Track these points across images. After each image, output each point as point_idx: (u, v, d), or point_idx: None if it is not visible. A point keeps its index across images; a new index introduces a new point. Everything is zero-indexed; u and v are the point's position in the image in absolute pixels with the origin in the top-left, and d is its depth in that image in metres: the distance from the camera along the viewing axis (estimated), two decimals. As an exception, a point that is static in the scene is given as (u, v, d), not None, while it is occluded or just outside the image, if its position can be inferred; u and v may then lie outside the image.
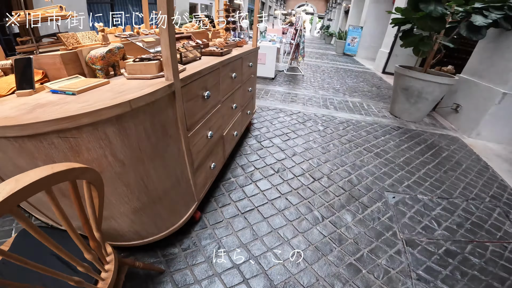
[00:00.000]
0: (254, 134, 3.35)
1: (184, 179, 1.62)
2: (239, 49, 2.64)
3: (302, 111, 4.26)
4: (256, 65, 3.14)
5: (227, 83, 2.24)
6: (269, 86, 5.50)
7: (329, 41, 19.94)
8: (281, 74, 6.76)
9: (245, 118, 3.06)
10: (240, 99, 2.70)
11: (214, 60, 1.99)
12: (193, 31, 2.63)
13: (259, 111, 4.10)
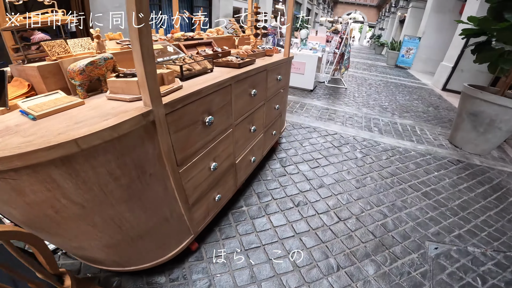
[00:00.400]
0: (279, 157, 2.90)
1: (175, 216, 1.42)
2: (267, 59, 2.21)
3: (340, 132, 3.65)
4: (288, 77, 2.68)
5: (243, 102, 1.83)
6: (306, 99, 4.96)
7: (379, 51, 18.51)
8: (321, 86, 6.14)
9: (270, 139, 2.61)
10: (262, 119, 2.26)
11: (226, 74, 1.60)
12: (216, 37, 2.27)
13: (289, 128, 3.60)
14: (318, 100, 5.00)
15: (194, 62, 1.58)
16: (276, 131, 2.71)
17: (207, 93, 1.40)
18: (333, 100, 5.09)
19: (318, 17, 23.07)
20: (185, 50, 1.87)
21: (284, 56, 2.46)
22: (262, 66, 1.94)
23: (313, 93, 5.40)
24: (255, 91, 1.88)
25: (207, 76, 1.59)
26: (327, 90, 5.83)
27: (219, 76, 1.56)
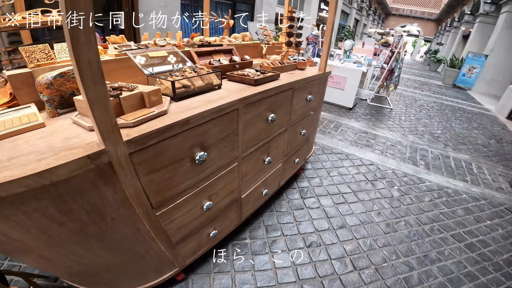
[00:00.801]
0: (300, 186, 2.47)
1: (153, 253, 1.24)
2: (296, 74, 1.80)
3: (377, 163, 3.08)
4: (321, 96, 2.23)
5: (256, 130, 1.47)
6: (342, 118, 4.40)
7: (435, 68, 16.71)
8: (363, 104, 5.49)
9: (290, 168, 2.21)
10: (282, 148, 1.87)
11: (235, 94, 1.26)
12: (238, 44, 1.93)
13: (318, 152, 3.13)
14: (356, 120, 4.40)
15: (197, 76, 1.24)
16: (299, 159, 2.28)
17: (199, 123, 1.07)
18: (374, 123, 4.44)
19: (366, 28, 21.74)
20: (196, 59, 1.56)
21: (319, 71, 2.02)
22: (286, 83, 1.55)
23: (352, 112, 4.79)
24: (273, 116, 1.50)
25: (210, 95, 1.26)
26: (369, 109, 5.16)
27: (224, 97, 1.22)
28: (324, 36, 1.92)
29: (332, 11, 1.79)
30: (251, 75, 1.44)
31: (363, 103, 5.51)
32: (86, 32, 0.63)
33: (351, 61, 4.59)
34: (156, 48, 1.45)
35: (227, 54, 1.78)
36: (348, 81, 4.45)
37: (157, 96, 1.08)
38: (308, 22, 11.69)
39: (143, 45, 1.48)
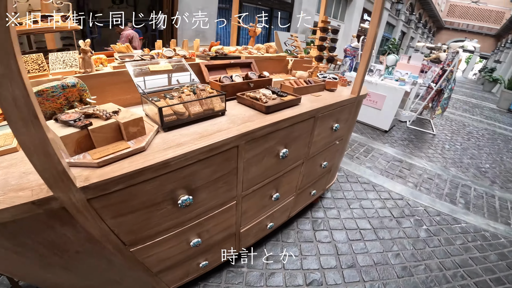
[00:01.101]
0: (314, 216, 2.20)
1: (130, 279, 1.12)
2: (323, 98, 1.51)
3: (407, 198, 2.64)
4: (351, 123, 1.89)
5: (262, 168, 1.25)
6: (375, 142, 3.92)
7: (489, 88, 14.89)
8: (401, 126, 4.90)
9: (305, 200, 1.93)
10: (295, 182, 1.60)
11: (237, 126, 1.01)
12: (260, 56, 1.69)
13: (342, 180, 2.76)
14: (391, 146, 3.89)
15: (195, 101, 1.02)
16: (317, 190, 1.97)
17: (182, 165, 0.86)
18: (412, 150, 3.89)
19: (414, 42, 20.15)
20: (206, 74, 1.34)
21: (351, 94, 1.70)
22: (307, 112, 1.27)
23: (388, 136, 4.27)
24: (286, 151, 1.23)
25: (207, 125, 1.05)
26: (408, 133, 4.57)
27: (223, 129, 0.99)
28: (363, 53, 1.60)
29: (374, 22, 1.46)
30: (264, 98, 1.19)
31: (401, 125, 4.93)
32: (2, 60, 0.44)
33: (393, 78, 4.09)
34: (160, 60, 1.26)
35: (244, 68, 1.55)
36: (387, 101, 3.97)
37: (138, 127, 0.88)
38: (348, 33, 11.05)
39: (150, 56, 1.30)
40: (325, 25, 1.81)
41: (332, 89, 1.75)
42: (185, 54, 1.36)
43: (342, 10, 11.14)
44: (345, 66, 4.75)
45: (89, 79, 1.13)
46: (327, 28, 1.81)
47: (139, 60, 1.25)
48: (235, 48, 1.77)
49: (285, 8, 7.01)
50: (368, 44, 1.55)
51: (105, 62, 1.31)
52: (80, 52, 1.12)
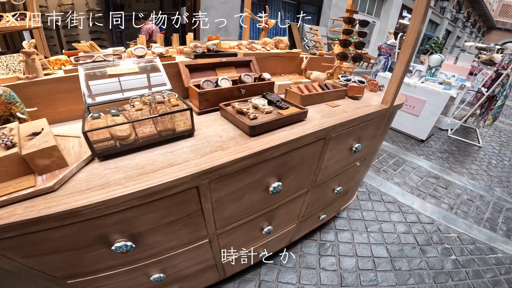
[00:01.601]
0: (323, 239, 1.82)
1: None
2: (341, 109, 1.09)
3: (439, 222, 2.11)
4: (378, 140, 1.44)
5: (244, 204, 0.91)
6: (408, 153, 3.28)
7: (549, 93, 12.62)
8: (441, 136, 4.08)
9: (311, 224, 1.58)
10: (296, 211, 1.23)
11: (201, 157, 0.66)
12: (264, 53, 1.31)
13: (362, 197, 2.28)
14: (427, 158, 3.22)
15: (146, 119, 0.70)
16: (327, 215, 1.57)
17: (104, 213, 0.55)
18: (452, 164, 3.19)
19: (460, 41, 17.83)
20: (185, 77, 1.01)
21: (382, 103, 1.25)
22: (312, 133, 0.87)
23: (424, 146, 3.56)
24: (278, 184, 0.86)
25: (160, 153, 0.72)
26: (448, 144, 3.79)
27: (180, 162, 0.65)
28: (401, 52, 1.14)
29: (418, 17, 1.01)
30: (251, 112, 0.82)
31: (441, 134, 4.12)
32: None
33: (436, 81, 3.39)
34: (123, 61, 0.96)
35: (242, 68, 1.18)
36: (426, 107, 3.30)
37: (51, 158, 0.58)
38: (384, 30, 9.94)
39: (118, 55, 1.00)
40: (351, 15, 1.36)
41: (356, 96, 1.31)
42: (162, 51, 1.03)
43: (378, 6, 10.00)
44: (379, 65, 4.09)
45: (33, 87, 0.86)
46: (354, 19, 1.36)
47: (101, 61, 0.95)
48: (238, 42, 1.41)
49: (313, 2, 6.39)
50: (409, 41, 1.09)
51: (67, 64, 1.04)
52: (22, 54, 0.85)
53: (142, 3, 5.25)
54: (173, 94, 0.85)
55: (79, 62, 0.94)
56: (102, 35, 4.15)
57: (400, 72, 1.17)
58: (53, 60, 1.03)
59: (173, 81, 1.06)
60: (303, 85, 1.18)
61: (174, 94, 0.85)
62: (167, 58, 1.04)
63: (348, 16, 1.36)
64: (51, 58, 1.03)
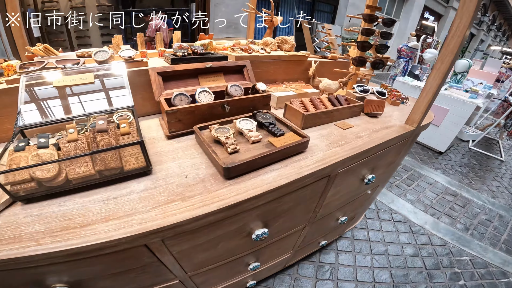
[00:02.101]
0: (322, 260, 1.59)
1: None
2: (354, 133, 0.82)
3: (451, 244, 1.83)
4: (398, 163, 1.15)
5: (218, 251, 0.66)
6: (425, 167, 2.89)
7: None
8: (461, 147, 3.65)
9: (309, 249, 1.37)
10: (290, 244, 1.01)
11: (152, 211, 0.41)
12: (262, 56, 1.04)
13: (371, 215, 1.99)
14: (445, 173, 2.84)
15: (78, 157, 0.47)
16: (328, 240, 1.32)
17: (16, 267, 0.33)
18: (472, 180, 2.79)
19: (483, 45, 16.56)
20: (158, 88, 0.76)
21: (407, 124, 0.97)
22: (311, 173, 0.61)
23: (443, 159, 3.15)
24: (263, 232, 0.62)
25: (104, 195, 0.51)
26: (469, 157, 3.36)
27: (119, 215, 0.42)
28: (438, 59, 0.85)
29: (465, 18, 0.72)
30: (229, 144, 0.58)
31: (462, 146, 3.68)
32: None
33: (461, 88, 2.98)
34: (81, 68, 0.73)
35: (234, 75, 0.92)
36: (449, 116, 2.90)
37: None
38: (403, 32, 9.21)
39: (76, 60, 0.77)
40: (373, 12, 1.07)
41: (374, 113, 1.03)
42: (131, 55, 0.79)
43: (398, 7, 9.25)
44: (398, 69, 3.68)
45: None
46: (375, 17, 1.07)
47: (52, 69, 0.73)
48: (233, 43, 1.15)
49: (329, 1, 5.93)
50: (451, 46, 0.79)
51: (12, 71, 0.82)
52: None
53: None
54: (127, 116, 0.61)
55: (24, 70, 0.72)
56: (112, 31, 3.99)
57: (434, 86, 0.87)
58: (5, 66, 0.81)
59: (146, 93, 0.82)
60: (308, 99, 0.91)
61: (128, 115, 0.62)
62: (136, 63, 0.80)
63: (368, 13, 1.06)
64: (3, 64, 0.82)
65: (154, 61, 0.94)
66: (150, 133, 0.76)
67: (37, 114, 0.64)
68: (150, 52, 1.01)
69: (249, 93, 0.85)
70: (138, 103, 0.84)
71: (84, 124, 0.62)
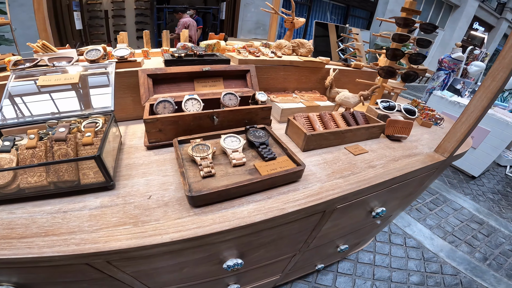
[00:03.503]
0: (319, 282, 1.43)
1: None
2: (367, 161, 0.65)
3: (464, 275, 1.60)
4: (418, 194, 0.94)
5: (185, 274, 0.58)
6: (453, 191, 2.52)
7: None
8: (497, 172, 3.14)
9: (303, 271, 1.22)
10: (276, 270, 0.85)
11: (74, 242, 0.33)
12: (268, 60, 0.91)
13: (382, 238, 1.77)
14: (475, 199, 2.45)
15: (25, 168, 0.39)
16: (325, 263, 1.20)
17: None
18: (503, 208, 2.38)
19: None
20: (146, 92, 0.66)
21: (437, 152, 0.78)
22: (298, 210, 0.47)
23: (474, 183, 2.73)
24: (238, 263, 0.50)
25: (55, 207, 0.44)
26: (504, 184, 2.87)
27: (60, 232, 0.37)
28: (488, 75, 0.65)
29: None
30: (204, 166, 0.46)
31: (498, 171, 3.17)
32: None
33: (507, 108, 2.54)
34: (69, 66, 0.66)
35: (235, 80, 0.80)
36: (489, 138, 2.48)
37: None
38: (447, 42, 8.24)
39: (69, 58, 0.71)
40: (410, 16, 0.87)
41: (398, 136, 0.85)
42: (124, 54, 0.71)
43: (444, 15, 8.23)
44: (437, 81, 3.23)
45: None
46: (412, 21, 0.87)
47: (44, 67, 0.67)
48: (246, 44, 1.03)
49: (365, 7, 5.46)
50: (508, 60, 0.60)
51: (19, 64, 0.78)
52: None
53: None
54: (95, 122, 0.53)
55: (18, 67, 0.67)
56: (146, 27, 4.07)
57: (480, 108, 0.67)
58: (6, 61, 0.78)
59: (137, 96, 0.73)
60: (317, 114, 0.76)
61: (98, 123, 0.53)
62: (130, 63, 0.71)
63: (404, 17, 0.87)
64: (6, 59, 0.79)
65: (156, 61, 0.86)
66: (133, 140, 0.67)
67: (17, 113, 0.59)
68: (154, 51, 0.93)
69: (250, 103, 0.73)
70: (128, 106, 0.76)
71: (53, 128, 0.54)
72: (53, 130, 0.53)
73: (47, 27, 1.08)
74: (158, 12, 3.85)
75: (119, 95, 0.73)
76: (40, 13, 1.06)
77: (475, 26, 8.77)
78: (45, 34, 1.10)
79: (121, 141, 0.67)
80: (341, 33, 1.29)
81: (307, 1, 4.78)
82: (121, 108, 0.76)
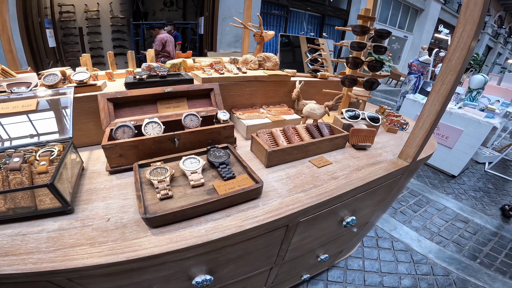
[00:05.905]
0: None
1: None
2: (330, 173, 0.69)
3: (456, 274, 1.63)
4: (392, 200, 0.99)
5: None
6: (435, 191, 2.63)
7: None
8: (476, 170, 3.32)
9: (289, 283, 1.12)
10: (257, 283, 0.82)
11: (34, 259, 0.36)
12: (232, 77, 0.94)
13: (369, 243, 1.81)
14: (457, 198, 2.56)
15: None
16: (311, 274, 1.18)
17: None
18: (486, 205, 2.50)
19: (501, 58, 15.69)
20: (106, 117, 0.68)
21: (400, 158, 0.83)
22: (257, 226, 0.50)
23: (455, 182, 2.87)
24: (206, 279, 0.50)
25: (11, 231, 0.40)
26: (484, 181, 3.04)
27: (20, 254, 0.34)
28: (438, 78, 0.71)
29: (469, 26, 0.58)
30: (161, 189, 0.48)
31: (477, 168, 3.35)
32: None
33: (477, 107, 2.74)
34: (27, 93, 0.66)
35: (199, 100, 0.83)
36: (463, 138, 2.64)
37: None
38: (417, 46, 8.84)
39: (28, 83, 0.71)
40: (365, 23, 0.95)
41: (362, 145, 0.90)
42: (84, 78, 0.72)
43: (411, 20, 8.85)
44: (409, 85, 3.45)
45: None
46: (368, 29, 0.95)
47: (1, 93, 0.67)
48: (213, 61, 1.06)
49: (340, 15, 5.78)
50: (453, 62, 0.65)
51: None
52: None
53: (166, 11, 5.16)
54: (51, 151, 0.53)
55: None
56: (124, 43, 4.08)
57: (433, 112, 0.73)
58: None
59: (99, 121, 0.74)
60: (281, 129, 0.79)
61: (53, 151, 0.54)
62: (89, 87, 0.73)
63: (360, 25, 0.94)
64: None
65: (120, 83, 0.87)
66: (96, 165, 0.67)
67: None
68: (119, 72, 0.94)
69: (214, 122, 0.75)
70: (91, 131, 0.77)
71: (10, 157, 0.54)
72: (10, 159, 0.53)
73: (12, 48, 1.07)
74: (135, 29, 3.88)
75: (81, 120, 0.74)
76: (5, 34, 1.05)
77: (440, 29, 9.45)
78: (11, 55, 1.09)
79: (83, 166, 0.67)
80: (308, 44, 1.36)
81: (284, 13, 5.00)
82: (84, 133, 0.76)
